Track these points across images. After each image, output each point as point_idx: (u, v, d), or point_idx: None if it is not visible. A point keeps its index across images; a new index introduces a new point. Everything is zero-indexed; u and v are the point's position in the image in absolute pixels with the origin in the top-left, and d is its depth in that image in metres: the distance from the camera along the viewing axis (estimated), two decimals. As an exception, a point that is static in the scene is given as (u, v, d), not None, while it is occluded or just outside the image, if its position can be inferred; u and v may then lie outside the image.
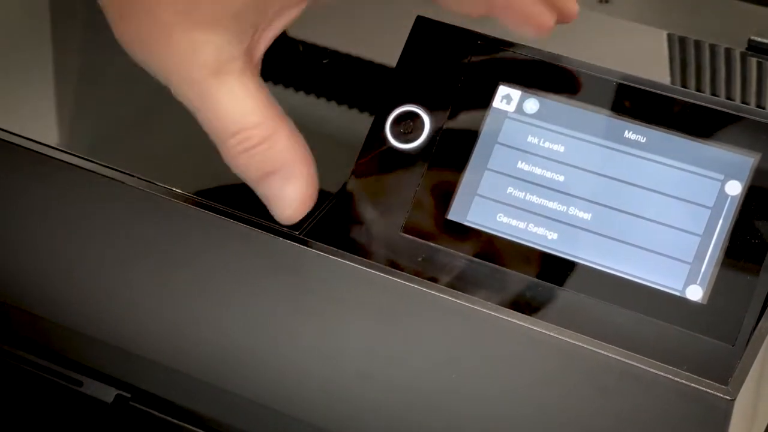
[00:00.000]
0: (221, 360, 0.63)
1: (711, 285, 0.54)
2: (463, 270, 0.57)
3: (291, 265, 0.58)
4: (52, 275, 0.66)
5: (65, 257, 0.65)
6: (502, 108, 0.59)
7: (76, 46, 0.73)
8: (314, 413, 0.62)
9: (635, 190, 0.56)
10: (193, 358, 0.64)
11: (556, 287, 0.56)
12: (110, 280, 0.64)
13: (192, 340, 0.63)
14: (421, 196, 0.59)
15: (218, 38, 0.54)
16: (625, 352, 0.53)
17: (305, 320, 0.59)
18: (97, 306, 0.65)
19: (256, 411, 0.64)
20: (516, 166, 0.58)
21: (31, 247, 0.66)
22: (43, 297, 0.67)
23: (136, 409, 0.68)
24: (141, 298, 0.64)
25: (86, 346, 0.68)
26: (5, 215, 0.66)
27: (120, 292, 0.64)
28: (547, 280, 0.56)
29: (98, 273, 0.64)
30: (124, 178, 0.61)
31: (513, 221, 0.57)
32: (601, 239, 0.56)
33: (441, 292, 0.56)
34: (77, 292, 0.65)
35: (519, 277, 0.56)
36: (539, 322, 0.54)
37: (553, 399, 0.55)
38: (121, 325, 0.65)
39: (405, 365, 0.58)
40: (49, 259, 0.66)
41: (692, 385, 0.51)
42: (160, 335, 0.64)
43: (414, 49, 0.60)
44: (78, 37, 0.74)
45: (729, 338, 0.53)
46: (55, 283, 0.66)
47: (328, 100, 0.67)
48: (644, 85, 0.57)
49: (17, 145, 0.63)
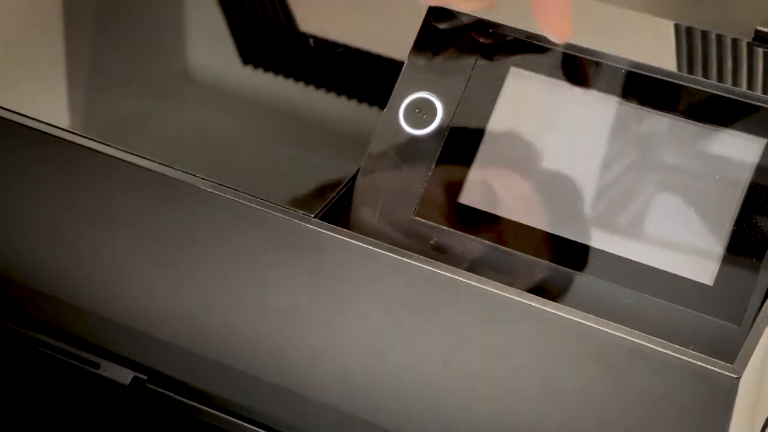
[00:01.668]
0: (237, 342, 0.64)
1: (718, 267, 0.55)
2: (475, 252, 0.58)
3: (306, 248, 0.59)
4: (69, 258, 0.67)
5: (83, 240, 0.66)
6: (513, 94, 0.60)
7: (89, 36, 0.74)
8: (330, 394, 0.62)
9: (646, 176, 0.57)
10: (209, 340, 0.65)
11: (566, 269, 0.57)
12: (128, 262, 0.65)
13: (208, 323, 0.64)
14: (434, 180, 0.60)
15: None
16: (634, 332, 0.54)
17: (320, 302, 0.60)
18: (114, 288, 0.66)
19: (272, 392, 0.64)
20: (527, 151, 0.59)
21: (49, 230, 0.67)
22: (61, 279, 0.68)
23: (153, 391, 0.69)
24: (158, 280, 0.65)
25: (103, 328, 0.68)
26: (25, 198, 0.67)
27: (137, 275, 0.65)
28: (557, 262, 0.57)
29: (116, 256, 0.65)
30: (142, 162, 0.62)
31: (524, 205, 0.58)
32: (610, 223, 0.57)
33: (454, 274, 0.57)
34: (95, 274, 0.66)
35: (529, 259, 0.58)
36: (549, 303, 0.55)
37: (563, 378, 0.56)
38: (139, 308, 0.66)
39: (418, 346, 0.59)
40: (67, 242, 0.66)
41: (699, 363, 0.52)
42: (176, 317, 0.65)
43: (427, 38, 0.61)
44: (91, 25, 0.75)
45: (735, 319, 0.55)
46: (72, 265, 0.67)
47: (343, 87, 0.68)
48: (658, 73, 0.58)
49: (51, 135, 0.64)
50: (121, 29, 0.73)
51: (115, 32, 0.73)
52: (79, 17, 0.75)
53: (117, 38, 0.73)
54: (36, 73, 0.70)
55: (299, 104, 0.68)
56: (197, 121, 0.68)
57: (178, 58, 0.72)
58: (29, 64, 0.71)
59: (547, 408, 0.57)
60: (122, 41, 0.72)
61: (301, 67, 0.70)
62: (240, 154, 0.65)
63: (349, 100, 0.68)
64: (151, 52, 0.72)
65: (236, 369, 0.64)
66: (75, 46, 0.72)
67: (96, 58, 0.72)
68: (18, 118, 0.65)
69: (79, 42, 0.73)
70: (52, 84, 0.69)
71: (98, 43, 0.73)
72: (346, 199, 0.60)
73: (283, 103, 0.69)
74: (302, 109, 0.68)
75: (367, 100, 0.68)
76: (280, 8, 0.74)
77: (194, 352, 0.66)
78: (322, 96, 0.68)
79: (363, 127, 0.65)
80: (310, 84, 0.69)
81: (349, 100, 0.68)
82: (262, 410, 0.67)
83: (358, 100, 0.68)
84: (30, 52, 0.72)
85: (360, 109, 0.68)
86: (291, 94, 0.69)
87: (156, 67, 0.71)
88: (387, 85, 0.62)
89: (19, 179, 0.66)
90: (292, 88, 0.69)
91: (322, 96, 0.68)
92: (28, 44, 0.72)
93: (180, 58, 0.72)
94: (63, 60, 0.71)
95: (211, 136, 0.66)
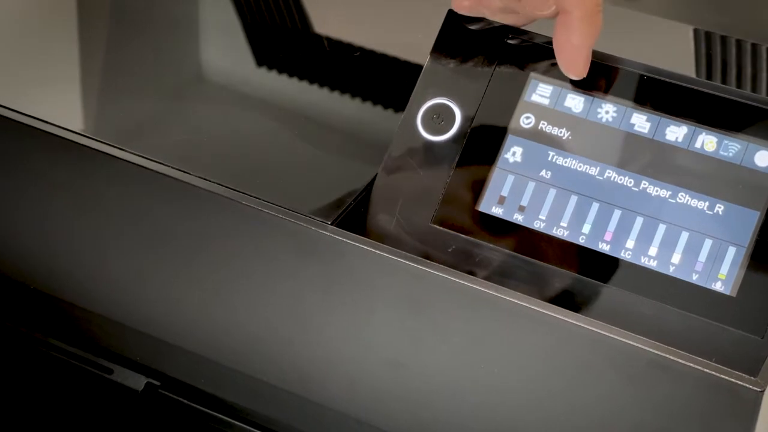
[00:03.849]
0: (250, 348, 0.63)
1: (740, 278, 0.55)
2: (494, 261, 0.58)
3: (322, 255, 0.58)
4: (83, 262, 0.67)
5: (97, 245, 0.66)
6: (533, 101, 0.59)
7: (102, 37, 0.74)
8: (343, 401, 0.62)
9: (666, 185, 0.57)
10: (222, 346, 0.64)
11: (586, 279, 0.56)
12: (141, 267, 0.65)
13: (222, 329, 0.64)
14: (452, 187, 0.59)
15: None
16: (655, 343, 0.53)
17: (335, 309, 0.60)
18: (128, 294, 0.66)
19: (284, 399, 0.64)
20: (547, 160, 0.58)
21: (61, 234, 0.66)
22: (74, 284, 0.68)
23: (166, 397, 0.69)
24: (171, 286, 0.64)
25: (117, 333, 0.68)
26: (39, 203, 0.66)
27: (150, 280, 0.65)
28: (577, 272, 0.57)
29: (129, 261, 0.65)
30: (156, 166, 0.62)
31: (543, 214, 0.58)
32: (631, 232, 0.57)
33: (471, 283, 0.56)
34: (108, 279, 0.66)
35: (549, 268, 0.57)
36: (569, 313, 0.54)
37: (583, 389, 0.55)
38: (152, 313, 0.66)
39: (434, 354, 0.58)
40: (81, 247, 0.66)
41: (721, 376, 0.52)
42: (190, 323, 0.65)
43: (446, 43, 0.61)
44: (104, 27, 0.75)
45: (758, 330, 0.54)
46: (86, 270, 0.67)
47: (359, 91, 0.68)
48: (677, 79, 0.58)
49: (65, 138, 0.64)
50: (134, 30, 0.73)
51: (128, 34, 0.73)
52: (92, 19, 0.74)
53: (130, 40, 0.72)
54: (47, 75, 0.70)
55: (315, 107, 0.68)
56: (211, 123, 0.67)
57: (192, 60, 0.72)
58: (41, 66, 0.70)
59: (567, 419, 0.56)
60: (135, 42, 0.72)
61: (316, 69, 0.69)
62: (253, 157, 0.65)
63: (364, 102, 0.68)
64: (164, 54, 0.72)
65: (249, 376, 0.64)
66: (87, 48, 0.72)
67: (108, 59, 0.72)
68: (30, 121, 0.65)
69: (91, 43, 0.73)
70: (64, 86, 0.69)
71: (110, 44, 0.73)
72: (364, 205, 0.60)
73: (298, 106, 0.68)
74: (318, 113, 0.68)
75: (385, 104, 0.67)
76: (295, 9, 0.73)
77: (208, 358, 0.65)
78: (338, 99, 0.68)
79: (380, 131, 0.65)
80: (325, 87, 0.68)
81: (364, 102, 0.68)
82: (275, 417, 0.66)
83: (373, 104, 0.68)
84: (41, 53, 0.71)
85: (377, 113, 0.67)
86: (306, 97, 0.68)
87: (169, 69, 0.71)
88: (405, 89, 0.61)
89: (36, 183, 0.66)
90: (307, 90, 0.69)
91: (338, 99, 0.68)
92: (39, 46, 0.72)
93: (193, 60, 0.72)
94: (76, 61, 0.71)
95: (224, 138, 0.66)
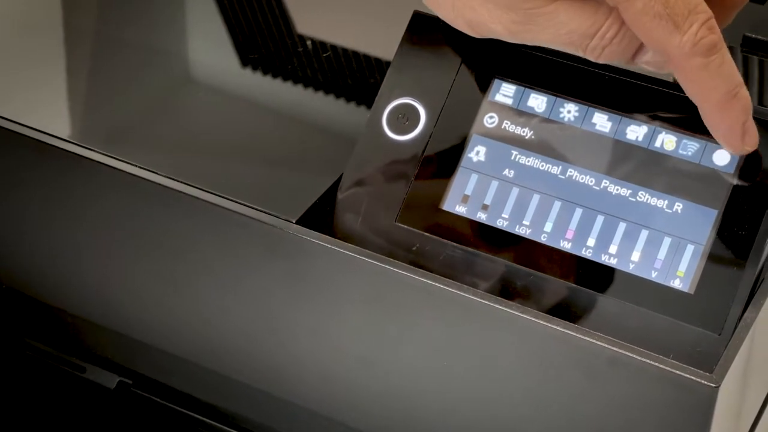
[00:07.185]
0: (220, 346, 0.64)
1: (698, 275, 0.55)
2: (457, 259, 0.58)
3: (286, 253, 0.59)
4: (55, 262, 0.67)
5: (69, 245, 0.66)
6: (496, 101, 0.59)
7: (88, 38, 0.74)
8: (311, 398, 0.63)
9: (626, 184, 0.57)
10: (192, 344, 0.65)
11: (548, 277, 0.57)
12: (112, 267, 0.65)
13: (192, 327, 0.64)
14: (417, 186, 0.60)
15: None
16: (613, 340, 0.53)
17: (301, 307, 0.60)
18: (99, 293, 0.66)
19: (255, 396, 0.65)
20: (510, 159, 0.59)
21: (34, 234, 0.67)
22: (47, 283, 0.68)
23: (138, 395, 0.69)
24: (142, 285, 0.65)
25: (89, 332, 0.69)
26: (12, 205, 0.67)
27: (122, 280, 0.65)
28: (539, 270, 0.57)
29: (101, 260, 0.65)
30: (125, 167, 0.62)
31: (506, 212, 0.58)
32: (590, 230, 0.57)
33: (436, 281, 0.56)
34: (81, 278, 0.66)
35: (511, 266, 0.57)
36: (528, 310, 0.55)
37: (543, 385, 0.56)
38: (124, 312, 0.66)
39: (398, 352, 0.59)
40: (53, 247, 0.67)
41: (678, 372, 0.52)
42: (161, 322, 0.65)
43: (411, 43, 0.61)
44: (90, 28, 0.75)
45: (715, 327, 0.54)
46: (58, 269, 0.67)
47: (327, 92, 0.68)
48: (642, 81, 0.58)
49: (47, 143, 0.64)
50: (119, 32, 0.73)
51: (114, 35, 0.73)
52: (78, 20, 0.75)
53: (116, 41, 0.73)
54: (33, 78, 0.70)
55: (279, 106, 0.68)
56: (175, 123, 0.67)
57: (178, 60, 0.72)
58: (26, 69, 0.71)
59: (528, 415, 0.57)
60: (121, 43, 0.72)
61: (284, 67, 0.69)
62: (217, 155, 0.65)
63: (330, 101, 0.68)
64: (150, 54, 0.72)
65: (218, 373, 0.65)
66: (73, 50, 0.72)
67: (94, 60, 0.72)
68: (16, 127, 0.65)
69: (77, 45, 0.73)
70: (49, 88, 0.69)
71: (97, 46, 0.73)
72: (328, 203, 0.60)
73: (261, 105, 0.69)
74: (284, 111, 0.68)
75: (359, 102, 0.68)
76: (278, 11, 0.74)
77: (179, 356, 0.66)
78: (304, 97, 0.68)
79: (347, 130, 0.65)
80: (288, 83, 0.69)
81: (330, 101, 0.68)
82: (244, 414, 0.67)
83: (342, 102, 0.68)
84: (27, 55, 0.72)
85: (345, 112, 0.68)
86: (269, 94, 0.69)
87: (155, 69, 0.71)
88: (372, 88, 0.62)
89: (16, 189, 0.66)
90: (279, 87, 0.69)
91: (304, 97, 0.68)
92: (25, 48, 0.72)
93: (180, 60, 0.72)
94: (62, 63, 0.71)
95: (188, 136, 0.66)
